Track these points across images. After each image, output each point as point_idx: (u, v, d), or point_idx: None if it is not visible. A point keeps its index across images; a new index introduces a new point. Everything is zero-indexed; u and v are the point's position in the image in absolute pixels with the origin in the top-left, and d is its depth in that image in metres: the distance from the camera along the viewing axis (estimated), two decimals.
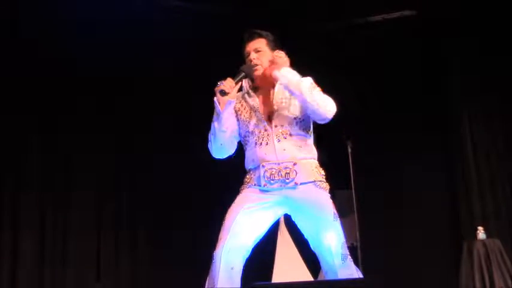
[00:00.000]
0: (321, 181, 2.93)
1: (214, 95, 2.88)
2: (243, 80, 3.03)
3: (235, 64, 3.01)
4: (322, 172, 2.97)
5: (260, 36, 3.04)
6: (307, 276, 4.79)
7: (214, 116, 2.93)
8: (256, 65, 2.99)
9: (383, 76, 6.08)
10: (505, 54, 5.85)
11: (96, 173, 5.53)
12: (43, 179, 5.29)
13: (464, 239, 5.67)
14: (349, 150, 4.93)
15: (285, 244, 4.90)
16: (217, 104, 2.89)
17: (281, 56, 2.98)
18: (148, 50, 5.67)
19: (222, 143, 2.96)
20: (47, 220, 5.23)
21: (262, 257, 2.95)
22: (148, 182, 5.73)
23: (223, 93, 2.84)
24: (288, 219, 3.15)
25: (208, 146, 3.00)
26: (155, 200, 5.72)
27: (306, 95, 2.85)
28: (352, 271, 2.86)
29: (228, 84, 2.86)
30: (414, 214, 5.90)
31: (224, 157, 3.05)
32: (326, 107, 2.87)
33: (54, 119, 5.42)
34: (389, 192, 5.96)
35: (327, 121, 2.91)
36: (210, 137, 2.98)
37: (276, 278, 4.78)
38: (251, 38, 3.04)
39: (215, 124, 2.93)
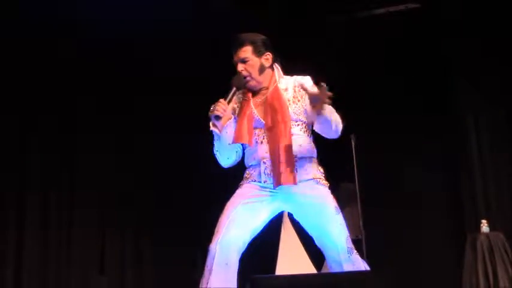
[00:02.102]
0: (320, 178, 2.93)
1: (209, 120, 2.81)
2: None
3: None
4: (321, 170, 2.98)
5: (244, 44, 2.94)
6: (311, 269, 4.81)
7: (215, 136, 2.90)
8: (245, 76, 2.94)
9: (385, 74, 6.05)
10: (509, 54, 5.82)
11: (99, 173, 5.53)
12: (47, 179, 5.29)
13: (467, 232, 5.68)
14: (353, 143, 4.95)
15: (288, 237, 4.93)
16: (214, 128, 2.83)
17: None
18: (148, 49, 5.66)
19: (228, 157, 2.96)
20: (51, 220, 5.24)
21: (265, 250, 2.96)
22: (152, 181, 5.75)
23: (218, 118, 2.79)
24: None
25: (216, 158, 2.99)
26: (157, 200, 5.74)
27: (332, 120, 2.82)
28: (358, 265, 2.86)
29: (221, 108, 2.79)
30: (417, 211, 5.89)
31: (233, 164, 3.03)
32: (338, 128, 2.88)
33: (55, 118, 5.42)
34: (391, 189, 5.94)
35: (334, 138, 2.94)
36: (216, 153, 2.96)
37: (280, 271, 4.80)
38: (236, 46, 2.94)
39: (217, 144, 2.91)
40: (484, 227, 5.49)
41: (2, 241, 5.01)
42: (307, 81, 2.96)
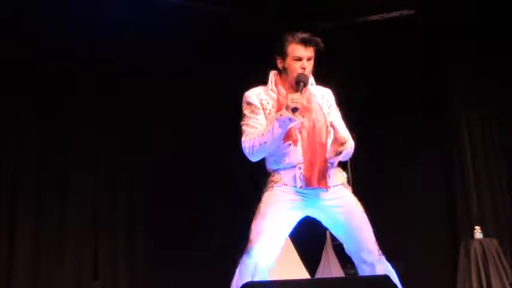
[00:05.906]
0: (345, 183, 3.05)
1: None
2: (270, 77, 3.06)
3: (235, 64, 3.00)
4: (345, 174, 3.12)
5: (314, 43, 2.97)
6: (304, 275, 4.81)
7: (277, 131, 2.79)
8: (306, 75, 2.94)
9: (381, 78, 6.06)
10: (504, 56, 5.84)
11: (93, 174, 5.50)
12: (40, 178, 5.27)
13: (461, 239, 5.68)
14: None
15: None
16: (288, 120, 2.75)
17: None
18: (148, 49, 5.66)
19: (269, 152, 2.92)
20: (44, 220, 5.22)
21: None
22: (147, 182, 5.73)
23: (296, 110, 2.77)
24: None
25: (249, 150, 2.89)
26: (154, 200, 5.72)
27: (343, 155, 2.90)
28: (386, 266, 2.96)
29: (300, 101, 2.77)
30: (412, 215, 5.89)
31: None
32: (347, 157, 2.99)
33: (52, 119, 5.41)
34: (387, 193, 5.94)
35: None
36: (261, 146, 2.85)
37: (273, 276, 4.78)
38: (308, 43, 2.95)
39: (274, 139, 2.81)
40: (478, 233, 5.50)
41: None
42: (330, 95, 3.11)
